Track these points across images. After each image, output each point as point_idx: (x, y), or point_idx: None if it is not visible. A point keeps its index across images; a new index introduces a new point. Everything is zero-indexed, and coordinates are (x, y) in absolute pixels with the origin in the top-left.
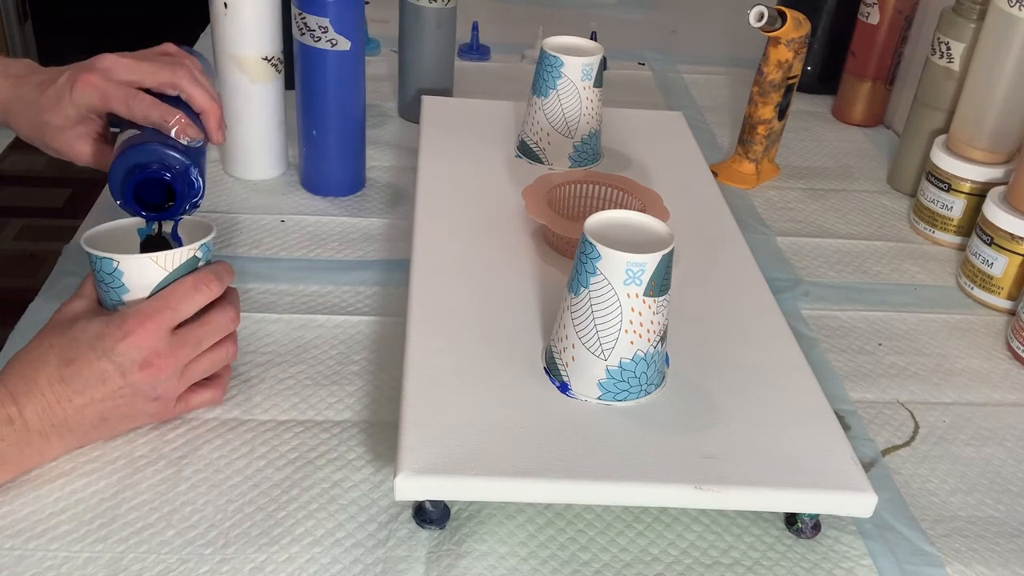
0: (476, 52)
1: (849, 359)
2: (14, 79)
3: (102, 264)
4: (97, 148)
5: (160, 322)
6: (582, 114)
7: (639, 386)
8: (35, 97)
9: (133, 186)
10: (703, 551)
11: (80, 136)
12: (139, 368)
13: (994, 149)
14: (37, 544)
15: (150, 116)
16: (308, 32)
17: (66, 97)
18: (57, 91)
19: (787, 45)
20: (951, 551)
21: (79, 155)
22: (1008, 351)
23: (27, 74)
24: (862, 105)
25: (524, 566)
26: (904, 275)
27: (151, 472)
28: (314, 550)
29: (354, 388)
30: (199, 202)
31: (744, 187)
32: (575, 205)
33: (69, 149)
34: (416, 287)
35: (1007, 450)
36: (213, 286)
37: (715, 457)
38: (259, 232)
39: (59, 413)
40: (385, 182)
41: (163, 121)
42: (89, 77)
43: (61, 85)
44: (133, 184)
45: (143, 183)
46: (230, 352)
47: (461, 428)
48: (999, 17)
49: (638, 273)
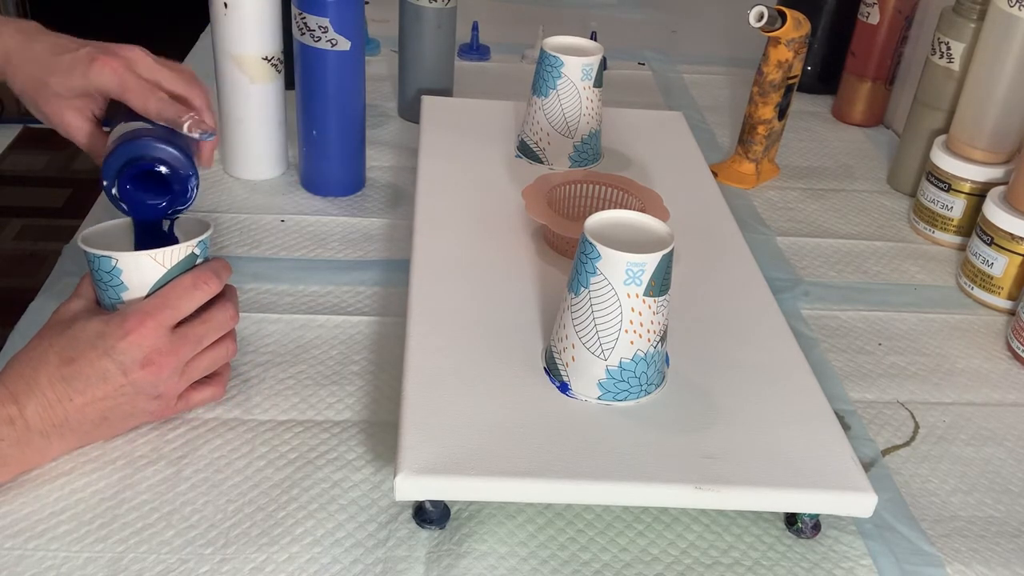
0: (476, 52)
1: (849, 359)
2: (25, 34)
3: (100, 262)
4: (87, 127)
5: (160, 320)
6: (582, 114)
7: (639, 386)
8: (46, 57)
9: (129, 176)
10: (703, 551)
11: (75, 109)
12: (140, 366)
13: (994, 149)
14: (37, 544)
15: (165, 113)
16: (308, 32)
17: (79, 69)
18: (74, 59)
19: (787, 45)
20: (951, 551)
21: (67, 126)
22: (1008, 351)
23: (38, 33)
24: (862, 105)
25: (524, 566)
26: (904, 275)
27: (151, 472)
28: (314, 550)
29: (354, 388)
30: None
31: (744, 187)
32: (575, 205)
33: (58, 118)
34: (416, 287)
35: (1007, 450)
36: (212, 283)
37: (715, 457)
38: (259, 232)
39: (60, 413)
40: (385, 182)
41: (177, 117)
42: (111, 61)
43: (81, 56)
44: (130, 174)
45: (139, 175)
46: (230, 349)
47: (461, 428)
48: (999, 17)
49: (638, 273)
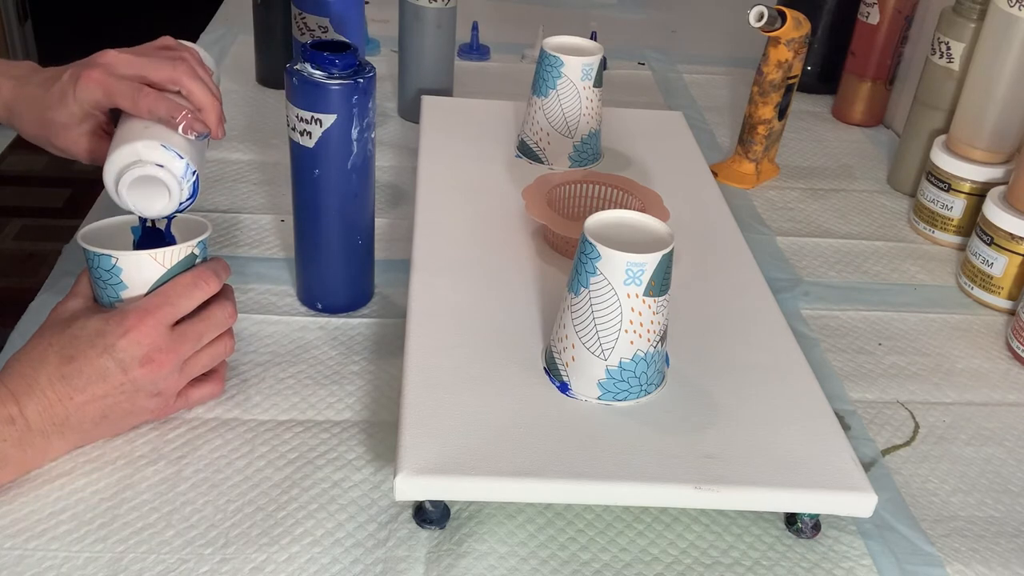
0: (476, 52)
1: (849, 359)
2: (17, 80)
3: (100, 261)
4: (102, 145)
5: (160, 318)
6: (582, 114)
7: (639, 386)
8: (40, 95)
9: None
10: (703, 551)
11: (84, 134)
12: (140, 364)
13: (994, 149)
14: (37, 544)
15: (156, 111)
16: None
17: (70, 94)
18: (61, 88)
19: (787, 45)
20: (951, 551)
21: (84, 153)
22: (1008, 351)
23: (30, 74)
24: (862, 105)
25: (524, 566)
26: (904, 275)
27: (151, 472)
28: (314, 550)
29: (354, 388)
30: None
31: (744, 187)
32: (575, 205)
33: (74, 147)
34: (416, 287)
35: (1007, 450)
36: (212, 283)
37: (715, 457)
38: (259, 232)
39: (60, 411)
40: (385, 182)
41: (170, 117)
42: (92, 73)
43: (65, 82)
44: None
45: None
46: (228, 347)
47: (461, 428)
48: (999, 17)
49: (638, 273)
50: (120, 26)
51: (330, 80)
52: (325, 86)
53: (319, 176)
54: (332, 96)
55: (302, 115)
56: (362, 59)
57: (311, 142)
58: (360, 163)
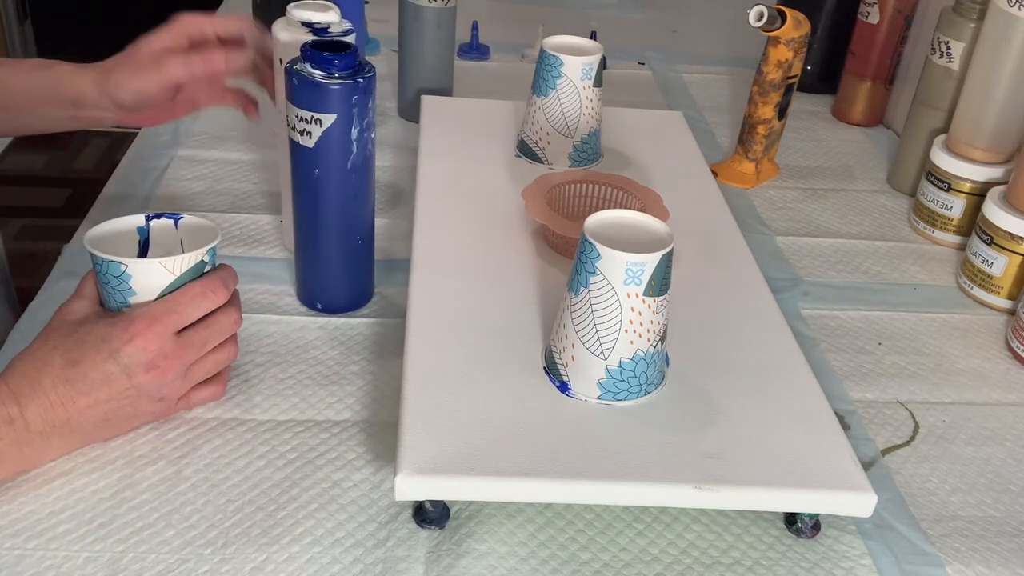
0: (476, 52)
1: (849, 359)
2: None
3: (109, 267)
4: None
5: (166, 325)
6: (582, 114)
7: (639, 386)
8: (107, 63)
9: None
10: (703, 551)
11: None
12: (145, 370)
13: (994, 149)
14: (37, 544)
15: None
16: None
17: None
18: (135, 49)
19: (787, 45)
20: (951, 551)
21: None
22: (1008, 351)
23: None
24: (862, 105)
25: (524, 566)
26: (904, 275)
27: (151, 472)
28: (314, 550)
29: (354, 388)
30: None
31: (744, 187)
32: (575, 205)
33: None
34: (416, 287)
35: (1007, 450)
36: (220, 293)
37: (715, 457)
38: (259, 232)
39: (62, 414)
40: (385, 182)
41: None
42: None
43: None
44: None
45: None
46: (231, 352)
47: (461, 428)
48: (999, 17)
49: (638, 273)
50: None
51: (330, 80)
52: (325, 86)
53: (319, 176)
54: (332, 96)
55: (302, 115)
56: (362, 59)
57: (311, 142)
58: (360, 163)
